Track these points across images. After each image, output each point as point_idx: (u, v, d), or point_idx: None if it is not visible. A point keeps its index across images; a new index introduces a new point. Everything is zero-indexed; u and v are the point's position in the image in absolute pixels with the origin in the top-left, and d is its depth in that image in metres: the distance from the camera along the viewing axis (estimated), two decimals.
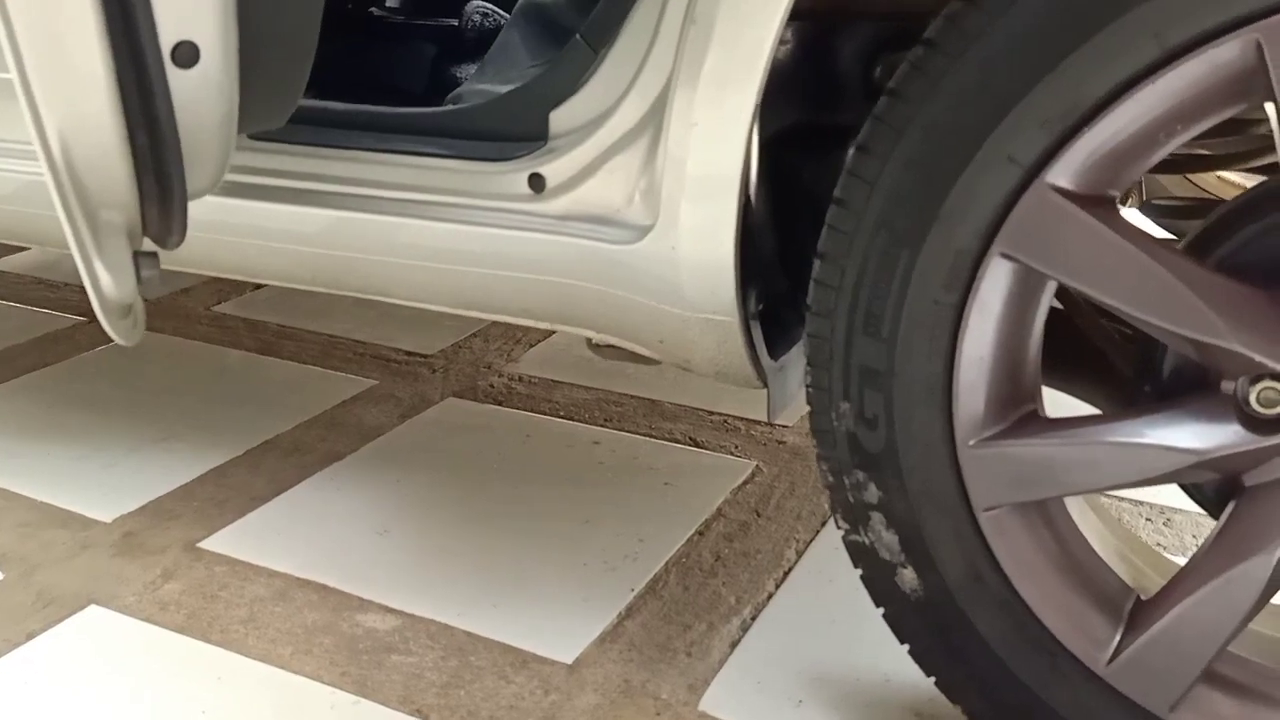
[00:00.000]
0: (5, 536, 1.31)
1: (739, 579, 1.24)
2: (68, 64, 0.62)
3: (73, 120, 0.64)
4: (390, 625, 1.16)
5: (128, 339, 0.77)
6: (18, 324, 1.95)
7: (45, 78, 0.63)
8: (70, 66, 0.62)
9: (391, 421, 1.61)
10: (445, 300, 1.10)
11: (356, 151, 1.05)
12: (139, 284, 0.73)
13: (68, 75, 0.63)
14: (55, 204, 0.67)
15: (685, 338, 0.96)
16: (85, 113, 0.63)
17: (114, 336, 0.76)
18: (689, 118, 0.84)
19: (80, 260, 0.69)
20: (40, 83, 0.63)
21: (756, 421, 1.59)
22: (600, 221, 0.95)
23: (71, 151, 0.65)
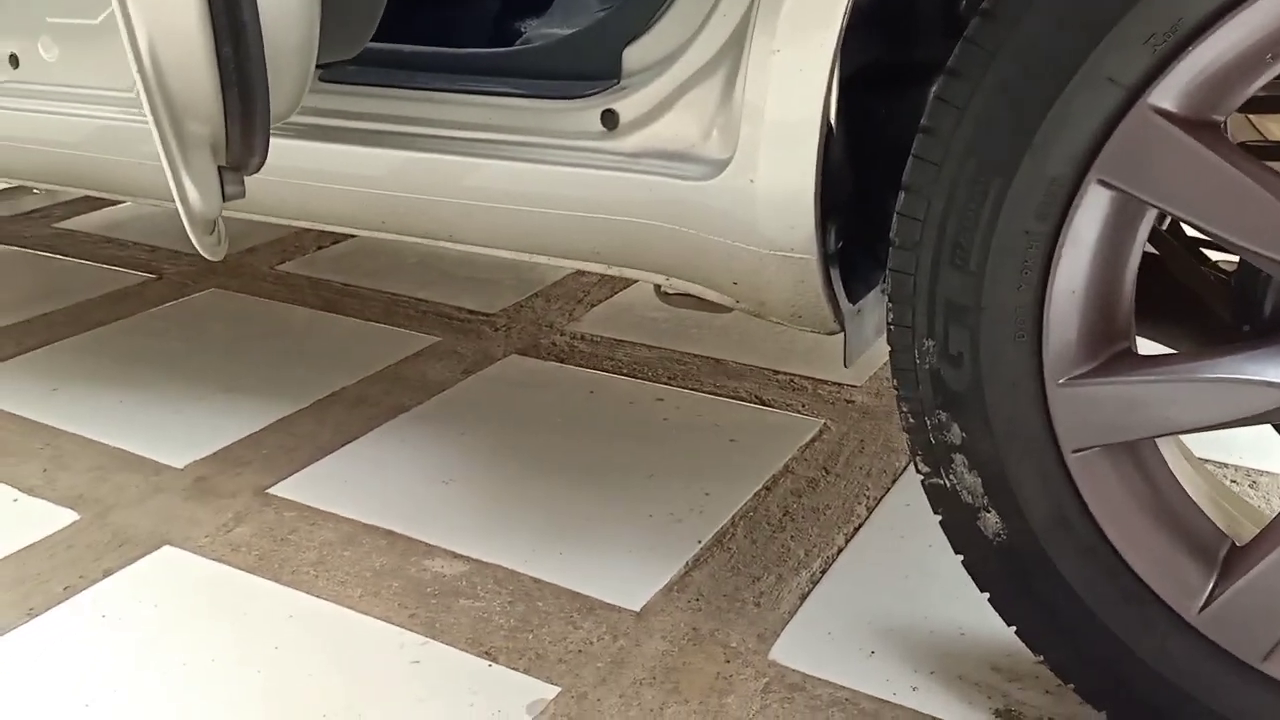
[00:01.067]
0: (79, 479, 1.34)
1: (808, 533, 1.22)
2: None
3: (162, 26, 0.64)
4: (457, 570, 1.16)
5: (213, 254, 0.77)
6: (88, 280, 1.98)
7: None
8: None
9: (455, 377, 1.61)
10: (514, 243, 1.09)
11: (427, 91, 1.04)
12: (224, 199, 0.73)
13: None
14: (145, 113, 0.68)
15: (761, 277, 0.94)
16: (173, 19, 0.63)
17: (200, 250, 0.76)
18: (770, 47, 0.82)
19: (169, 172, 0.70)
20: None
21: (823, 381, 1.56)
22: (674, 157, 0.93)
23: (160, 59, 0.65)
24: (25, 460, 1.37)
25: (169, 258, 2.10)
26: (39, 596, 1.12)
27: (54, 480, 1.33)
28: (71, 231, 2.26)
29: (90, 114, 1.26)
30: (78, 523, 1.25)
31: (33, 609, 1.10)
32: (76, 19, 1.20)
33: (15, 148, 1.36)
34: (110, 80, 1.21)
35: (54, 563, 1.17)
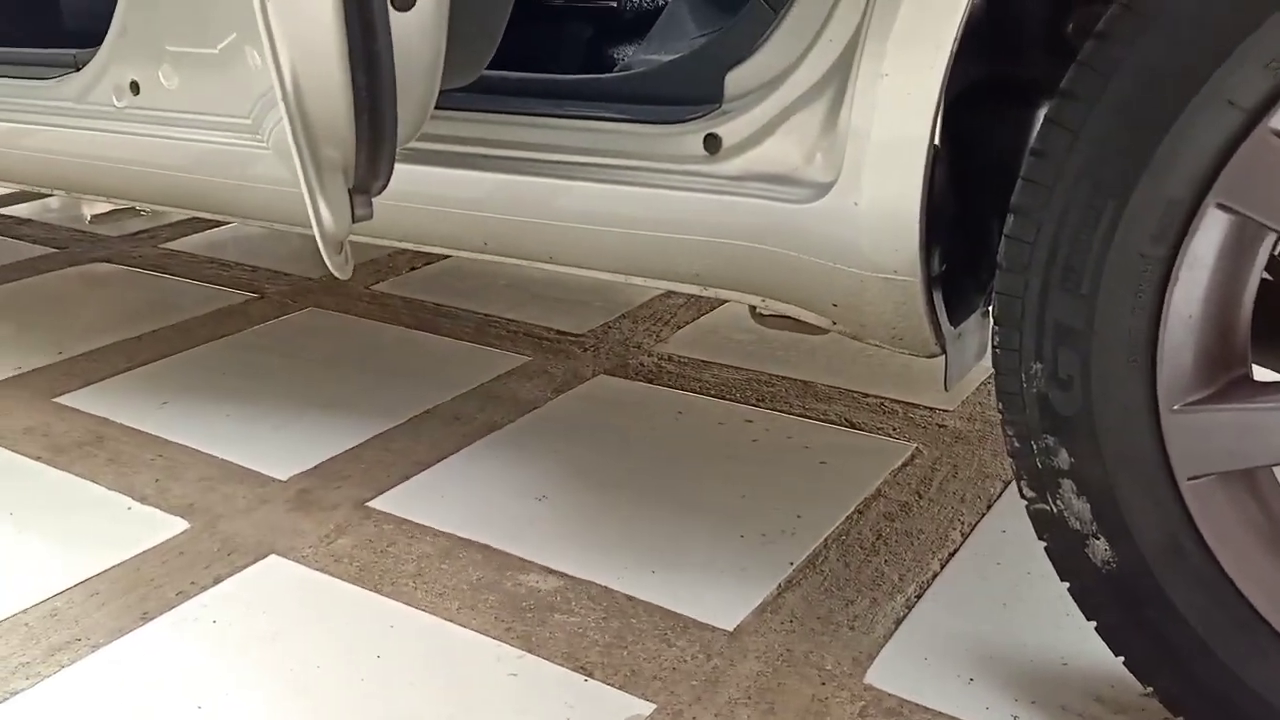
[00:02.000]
0: (190, 489, 1.39)
1: (902, 557, 1.21)
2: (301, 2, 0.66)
3: (303, 56, 0.67)
4: (552, 585, 1.18)
5: (342, 272, 0.80)
6: (195, 299, 2.06)
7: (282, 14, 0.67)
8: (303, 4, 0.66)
9: (545, 396, 1.63)
10: (614, 265, 1.11)
11: (530, 116, 1.07)
12: (353, 221, 0.77)
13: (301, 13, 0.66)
14: (288, 138, 0.71)
15: (861, 299, 0.94)
16: (314, 49, 0.67)
17: (331, 268, 0.80)
18: (879, 70, 0.82)
19: (306, 194, 0.73)
20: (278, 18, 0.67)
21: (914, 404, 1.55)
22: (777, 180, 0.95)
23: (301, 87, 0.69)
24: (139, 470, 1.43)
25: (269, 277, 2.17)
26: (153, 601, 1.16)
27: (166, 490, 1.39)
28: (178, 252, 2.35)
29: (205, 139, 1.31)
30: (188, 531, 1.30)
31: (147, 613, 1.15)
32: (197, 48, 1.26)
33: (134, 171, 1.42)
34: (226, 106, 1.26)
35: (167, 569, 1.22)
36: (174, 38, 1.28)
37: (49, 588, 1.19)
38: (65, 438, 1.52)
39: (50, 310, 2.03)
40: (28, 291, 2.13)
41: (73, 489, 1.39)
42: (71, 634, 1.11)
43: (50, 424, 1.56)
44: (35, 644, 1.10)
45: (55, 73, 1.47)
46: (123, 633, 1.12)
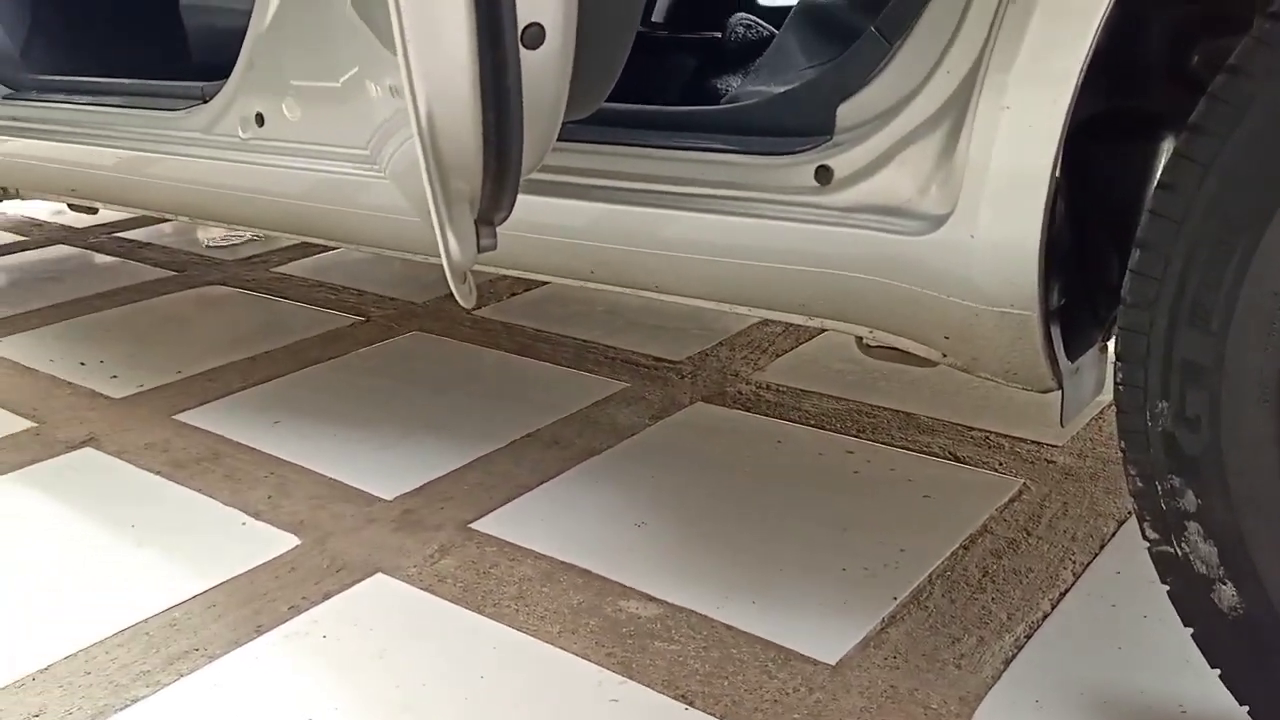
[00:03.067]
0: (300, 506, 1.43)
1: (1010, 596, 1.18)
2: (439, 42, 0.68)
3: (438, 94, 0.70)
4: (652, 613, 1.18)
5: (466, 301, 0.82)
6: (304, 321, 2.13)
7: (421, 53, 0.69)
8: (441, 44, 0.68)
9: (643, 422, 1.64)
10: (720, 294, 1.11)
11: (640, 147, 1.08)
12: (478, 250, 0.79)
13: (439, 52, 0.69)
14: (421, 169, 0.74)
15: (974, 333, 0.93)
16: (448, 87, 0.69)
17: (457, 297, 0.82)
18: (1000, 103, 0.82)
19: (435, 224, 0.75)
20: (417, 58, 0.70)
21: (1021, 439, 1.52)
22: (889, 212, 0.94)
23: (435, 122, 0.71)
24: (253, 487, 1.48)
25: (375, 301, 2.23)
26: (267, 615, 1.20)
27: (278, 506, 1.43)
28: (288, 276, 2.43)
29: (325, 168, 1.36)
30: (299, 547, 1.34)
31: (260, 626, 1.18)
32: (321, 82, 1.31)
33: (256, 199, 1.48)
34: (345, 137, 1.31)
35: (279, 583, 1.26)
36: (298, 72, 1.33)
37: (168, 599, 1.23)
38: (184, 454, 1.58)
39: (169, 330, 2.12)
40: (148, 312, 2.23)
41: (191, 503, 1.45)
42: (190, 644, 1.15)
43: (170, 440, 1.62)
44: (155, 653, 1.14)
45: (184, 104, 1.54)
46: (238, 644, 1.15)
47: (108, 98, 1.67)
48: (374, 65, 1.12)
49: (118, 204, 1.80)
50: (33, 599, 1.24)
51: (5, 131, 1.81)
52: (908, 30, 0.91)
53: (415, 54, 0.69)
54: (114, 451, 1.59)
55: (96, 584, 1.27)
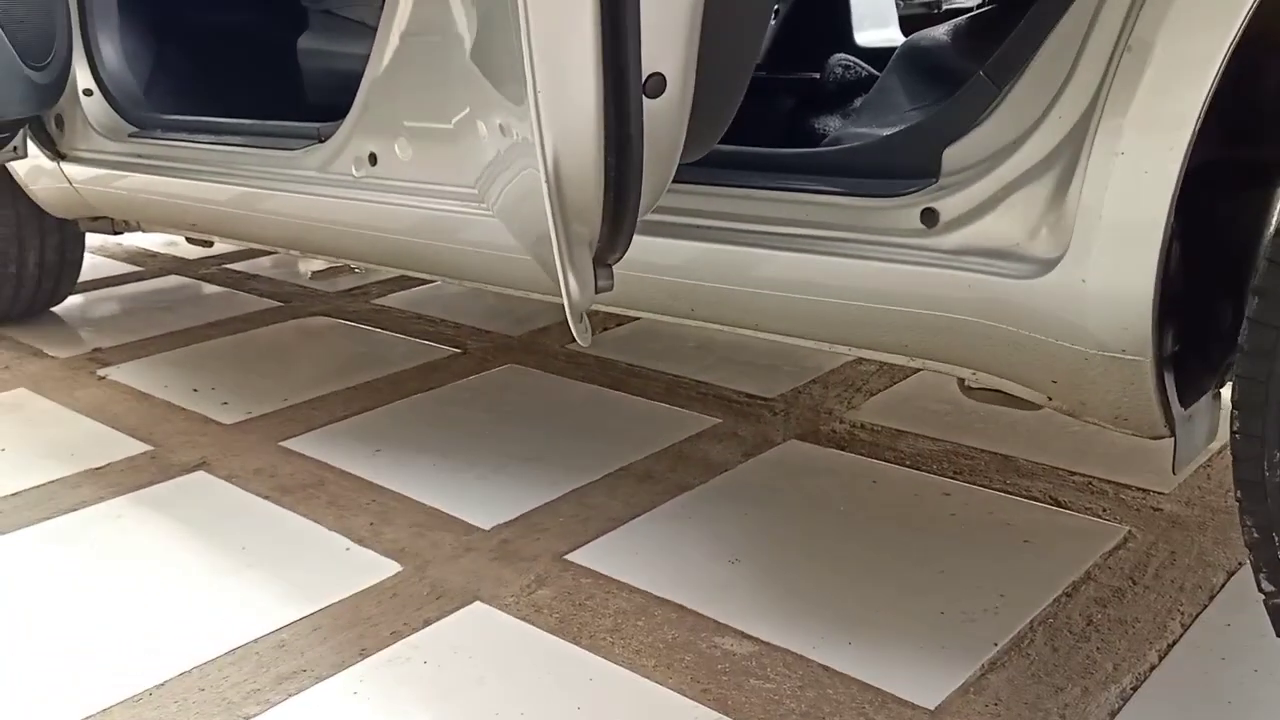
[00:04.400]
0: (401, 534, 1.47)
1: (1115, 646, 1.16)
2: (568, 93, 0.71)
3: (564, 142, 0.73)
4: (747, 650, 1.18)
5: (584, 340, 0.85)
6: (403, 352, 2.19)
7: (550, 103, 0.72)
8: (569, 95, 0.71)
9: (735, 459, 1.65)
10: (821, 333, 1.12)
11: (746, 189, 1.10)
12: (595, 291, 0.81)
13: (566, 103, 0.72)
14: (547, 214, 0.77)
15: (1084, 378, 0.92)
16: (574, 136, 0.72)
17: (576, 337, 0.85)
18: (1114, 149, 0.82)
19: (558, 267, 0.78)
20: (546, 108, 0.73)
21: (1125, 485, 1.49)
22: (997, 255, 0.94)
23: (560, 169, 0.74)
24: (355, 514, 1.53)
25: (471, 334, 2.28)
26: (370, 639, 1.23)
27: (379, 533, 1.47)
28: (387, 308, 2.50)
29: (434, 206, 1.41)
30: (400, 574, 1.37)
31: (364, 649, 1.22)
32: (433, 123, 1.36)
33: (366, 234, 1.54)
34: (455, 176, 1.36)
35: (382, 609, 1.29)
36: (412, 114, 1.38)
37: (277, 620, 1.27)
38: (290, 479, 1.64)
39: (275, 359, 2.19)
40: (256, 341, 2.31)
41: (297, 528, 1.50)
42: (298, 665, 1.19)
43: (277, 466, 1.68)
44: (265, 672, 1.18)
45: (300, 144, 1.61)
46: (343, 667, 1.19)
47: (228, 137, 1.75)
48: (485, 106, 1.16)
49: (234, 238, 1.89)
50: (150, 615, 1.29)
51: (131, 168, 1.91)
52: (1017, 75, 0.92)
53: (545, 104, 0.72)
54: (225, 476, 1.65)
55: (209, 603, 1.32)
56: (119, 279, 2.84)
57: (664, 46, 0.72)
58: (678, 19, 0.72)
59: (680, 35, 0.72)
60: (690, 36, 0.73)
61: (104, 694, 1.15)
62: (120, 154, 1.91)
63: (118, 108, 1.93)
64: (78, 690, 1.16)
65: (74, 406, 1.94)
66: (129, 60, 2.02)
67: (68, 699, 1.14)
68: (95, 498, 1.59)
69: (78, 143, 1.96)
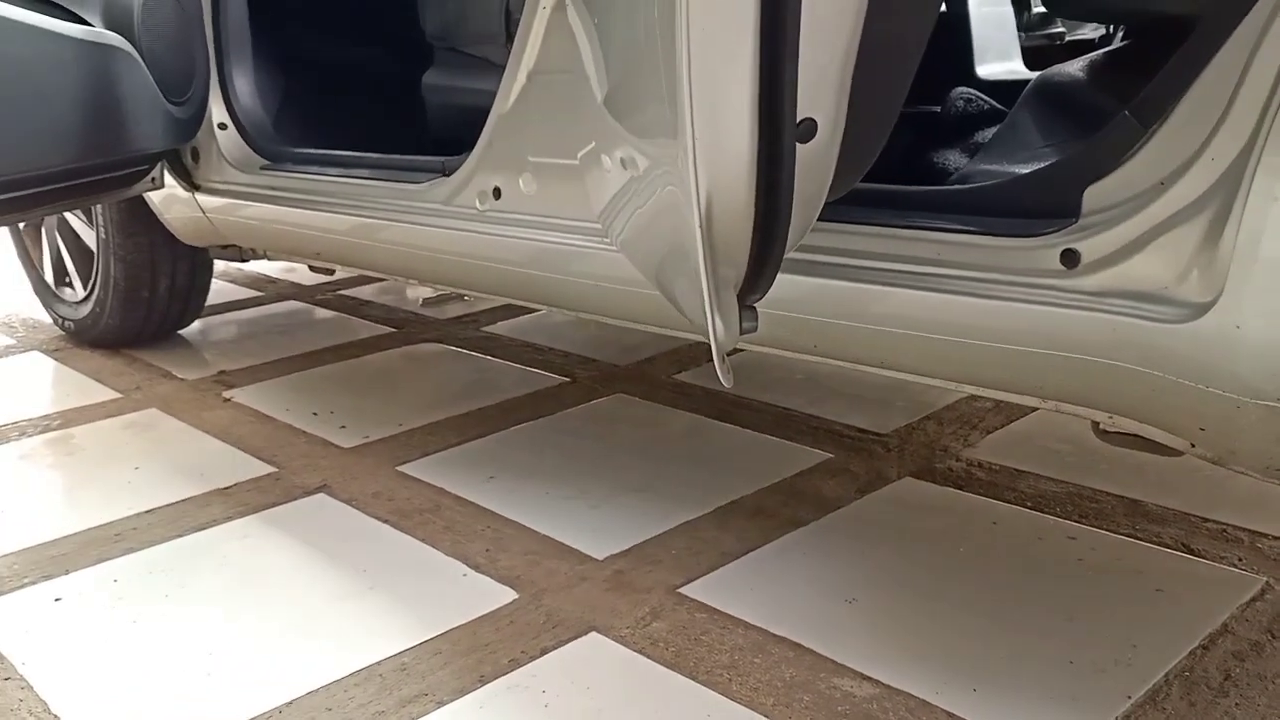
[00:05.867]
0: (516, 561, 1.49)
1: (1255, 703, 1.11)
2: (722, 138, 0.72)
3: (718, 186, 0.74)
4: (868, 693, 1.17)
5: (726, 380, 0.85)
6: (514, 380, 2.22)
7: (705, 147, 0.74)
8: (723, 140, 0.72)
9: (849, 495, 1.63)
10: (953, 373, 1.11)
11: (881, 226, 1.10)
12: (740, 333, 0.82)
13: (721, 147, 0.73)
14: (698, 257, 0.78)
15: (1234, 426, 0.89)
16: (727, 179, 0.73)
17: (720, 377, 0.85)
18: (1273, 193, 0.79)
19: (706, 307, 0.79)
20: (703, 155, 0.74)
21: (1261, 534, 1.43)
22: (1143, 298, 0.92)
23: (713, 212, 0.75)
24: (471, 540, 1.55)
25: (580, 363, 2.31)
26: (489, 666, 1.25)
27: (495, 560, 1.49)
28: (496, 335, 2.55)
29: (557, 240, 1.44)
30: (516, 601, 1.39)
31: (484, 676, 1.23)
32: (558, 159, 1.39)
33: (490, 267, 1.57)
34: (579, 210, 1.38)
35: (499, 636, 1.31)
36: (537, 150, 1.41)
37: (399, 643, 1.30)
38: (408, 504, 1.67)
39: (390, 384, 2.25)
40: (371, 366, 2.38)
41: (415, 552, 1.53)
42: (420, 688, 1.21)
43: (395, 490, 1.72)
44: (388, 694, 1.21)
45: (426, 178, 1.66)
46: (464, 692, 1.20)
47: (355, 169, 1.81)
48: (610, 141, 1.17)
49: (357, 267, 1.95)
50: (279, 634, 1.33)
51: (262, 199, 1.99)
52: (1166, 114, 0.90)
53: (701, 149, 0.73)
54: (345, 499, 1.70)
55: (333, 624, 1.35)
56: (240, 304, 2.95)
57: (818, 93, 0.72)
58: (833, 66, 0.72)
59: (834, 82, 0.73)
60: (843, 83, 0.73)
61: (235, 710, 1.18)
62: (252, 185, 1.99)
63: (250, 141, 2.01)
64: (207, 707, 1.19)
65: (201, 427, 2.01)
66: (261, 95, 2.11)
67: (196, 715, 1.18)
68: (224, 517, 1.64)
69: (212, 174, 2.05)
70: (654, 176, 1.01)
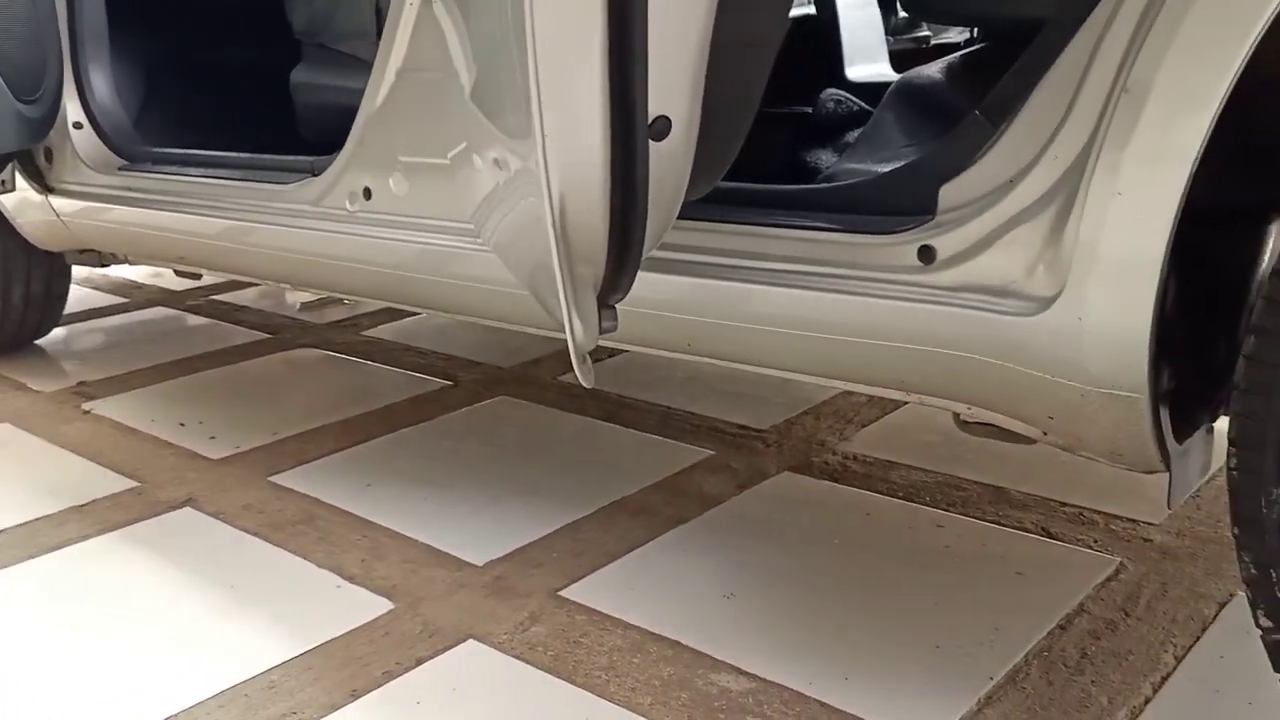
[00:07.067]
0: (393, 571, 1.45)
1: (1110, 679, 1.16)
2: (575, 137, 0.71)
3: (571, 185, 0.73)
4: (744, 687, 1.18)
5: (587, 380, 0.85)
6: (394, 385, 2.18)
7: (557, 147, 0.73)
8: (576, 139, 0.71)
9: (730, 491, 1.65)
10: (818, 369, 1.12)
11: (745, 225, 1.11)
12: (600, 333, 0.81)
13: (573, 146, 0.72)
14: (552, 258, 0.77)
15: (1080, 414, 0.93)
16: (580, 178, 0.72)
17: (579, 376, 0.84)
18: (1112, 188, 0.82)
19: (563, 309, 0.78)
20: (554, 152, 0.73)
21: (1115, 516, 1.49)
22: (994, 292, 0.95)
23: (566, 211, 0.74)
24: (346, 550, 1.51)
25: (462, 366, 2.28)
26: (362, 679, 1.22)
27: (371, 570, 1.46)
28: (377, 339, 2.49)
29: (429, 240, 1.41)
30: (392, 611, 1.36)
31: (355, 690, 1.20)
32: (429, 159, 1.36)
33: (361, 269, 1.53)
34: (451, 211, 1.36)
35: (374, 648, 1.28)
36: (408, 149, 1.39)
37: (266, 660, 1.26)
38: (280, 515, 1.62)
39: (264, 392, 2.18)
40: (244, 374, 2.30)
41: (287, 565, 1.48)
42: (288, 706, 1.18)
43: (266, 501, 1.67)
44: (254, 714, 1.16)
45: (293, 178, 1.61)
46: (334, 708, 1.17)
47: (219, 170, 1.75)
48: (482, 140, 1.16)
49: (224, 271, 1.88)
50: (137, 657, 1.28)
51: (120, 201, 1.91)
52: (1013, 114, 0.93)
53: (552, 148, 0.72)
54: (213, 512, 1.64)
55: (197, 643, 1.30)
56: (104, 311, 2.82)
57: (670, 90, 0.72)
58: (684, 64, 0.72)
59: (686, 79, 0.73)
60: (696, 80, 0.74)
61: None
62: (110, 187, 1.90)
63: (108, 141, 1.92)
64: None
65: (59, 442, 1.92)
66: (120, 93, 2.02)
67: None
68: (80, 535, 1.57)
69: (66, 176, 1.96)
70: (524, 176, 1.00)
